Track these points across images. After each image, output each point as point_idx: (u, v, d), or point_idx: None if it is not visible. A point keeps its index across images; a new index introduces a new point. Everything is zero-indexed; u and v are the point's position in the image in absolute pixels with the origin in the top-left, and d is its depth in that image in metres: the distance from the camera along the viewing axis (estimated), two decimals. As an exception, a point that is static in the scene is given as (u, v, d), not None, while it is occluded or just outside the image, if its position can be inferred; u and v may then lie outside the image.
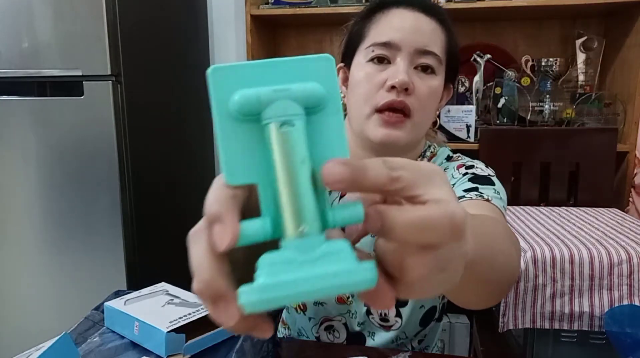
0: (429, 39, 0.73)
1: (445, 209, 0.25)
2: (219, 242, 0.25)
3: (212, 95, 0.27)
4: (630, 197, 1.70)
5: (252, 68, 0.28)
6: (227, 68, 0.28)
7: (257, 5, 1.87)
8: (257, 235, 0.27)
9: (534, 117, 1.82)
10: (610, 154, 1.62)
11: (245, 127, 0.28)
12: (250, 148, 0.28)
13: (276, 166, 0.26)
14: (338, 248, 0.26)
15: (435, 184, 0.26)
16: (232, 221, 0.25)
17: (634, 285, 1.07)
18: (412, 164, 0.27)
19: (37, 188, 1.62)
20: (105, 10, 1.46)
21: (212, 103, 0.28)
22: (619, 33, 1.76)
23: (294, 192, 0.26)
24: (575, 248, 1.09)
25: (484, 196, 0.68)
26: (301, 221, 0.26)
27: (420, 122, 0.74)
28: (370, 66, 0.74)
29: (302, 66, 0.28)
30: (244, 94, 0.27)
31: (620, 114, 1.74)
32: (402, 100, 0.70)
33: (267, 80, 0.27)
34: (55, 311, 1.69)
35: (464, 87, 1.86)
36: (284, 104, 0.27)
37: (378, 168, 0.26)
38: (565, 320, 1.10)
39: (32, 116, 1.58)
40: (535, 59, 1.89)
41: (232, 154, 0.28)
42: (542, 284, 1.09)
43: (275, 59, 0.28)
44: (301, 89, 0.27)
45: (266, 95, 0.27)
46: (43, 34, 1.51)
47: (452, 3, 1.69)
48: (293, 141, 0.26)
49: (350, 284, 0.25)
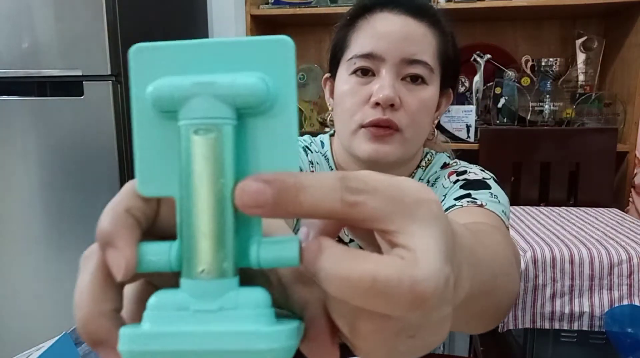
0: (417, 46, 0.65)
1: (407, 272, 0.18)
2: (113, 271, 0.20)
3: (131, 82, 0.22)
4: (630, 197, 1.70)
5: (186, 50, 0.22)
6: (154, 49, 0.22)
7: (257, 5, 1.87)
8: (159, 263, 0.21)
9: (534, 117, 1.82)
10: (610, 154, 1.62)
11: (167, 126, 0.22)
12: (171, 153, 0.22)
13: (188, 181, 0.21)
14: (253, 299, 0.20)
15: (416, 220, 0.19)
16: (125, 245, 0.20)
17: (634, 285, 1.07)
18: (388, 187, 0.20)
19: (37, 188, 1.62)
20: (105, 10, 1.46)
21: (130, 92, 0.22)
22: (619, 33, 1.76)
23: (202, 219, 0.20)
24: (575, 248, 1.09)
25: (477, 202, 0.62)
26: (203, 257, 0.20)
27: (411, 138, 0.67)
28: (354, 79, 0.67)
29: (250, 50, 0.22)
30: (158, 86, 0.21)
31: (620, 114, 1.74)
32: (388, 118, 0.64)
33: (202, 67, 0.22)
34: (55, 311, 1.69)
35: (464, 87, 1.86)
36: (205, 104, 0.21)
37: (325, 189, 0.19)
38: (565, 320, 1.10)
39: (32, 116, 1.58)
40: (535, 59, 1.89)
41: (148, 158, 0.22)
42: (542, 284, 1.09)
43: (219, 40, 0.22)
44: (231, 84, 0.21)
45: (182, 90, 0.21)
46: (43, 34, 1.51)
47: (452, 3, 1.69)
48: (209, 152, 0.20)
49: (252, 352, 0.19)
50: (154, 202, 0.23)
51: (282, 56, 0.22)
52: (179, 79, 0.21)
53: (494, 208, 0.62)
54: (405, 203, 0.19)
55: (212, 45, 0.22)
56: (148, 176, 0.22)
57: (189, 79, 0.21)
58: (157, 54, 0.22)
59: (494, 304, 0.40)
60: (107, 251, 0.21)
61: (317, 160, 0.76)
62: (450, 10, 1.72)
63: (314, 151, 0.77)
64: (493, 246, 0.47)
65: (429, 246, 0.19)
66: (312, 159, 0.76)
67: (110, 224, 0.21)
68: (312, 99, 1.99)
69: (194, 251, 0.20)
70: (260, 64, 0.22)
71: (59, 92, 1.55)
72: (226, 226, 0.21)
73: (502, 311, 0.44)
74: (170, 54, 0.22)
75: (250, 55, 0.22)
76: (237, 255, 0.21)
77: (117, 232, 0.21)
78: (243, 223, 0.22)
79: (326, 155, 0.77)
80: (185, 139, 0.21)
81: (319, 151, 0.77)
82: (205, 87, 0.21)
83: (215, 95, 0.21)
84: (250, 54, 0.22)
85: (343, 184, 0.19)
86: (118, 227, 0.21)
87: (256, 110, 0.21)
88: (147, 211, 0.22)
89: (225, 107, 0.21)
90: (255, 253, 0.21)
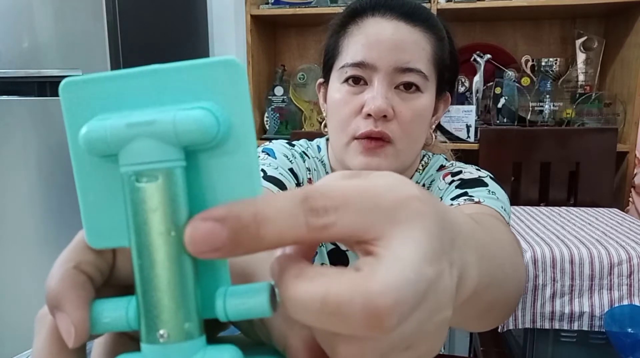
0: (410, 54, 0.62)
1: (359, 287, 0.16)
2: (64, 337, 0.18)
3: (65, 122, 0.19)
4: (630, 197, 1.70)
5: (121, 81, 0.19)
6: (85, 82, 0.19)
7: (257, 5, 1.87)
8: (116, 324, 0.19)
9: (534, 117, 1.82)
10: (610, 154, 1.62)
11: (111, 169, 0.19)
12: (120, 199, 0.19)
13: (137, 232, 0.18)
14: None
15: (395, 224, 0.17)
16: (74, 308, 0.18)
17: (634, 285, 1.07)
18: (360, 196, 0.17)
19: (37, 188, 1.62)
20: (105, 10, 1.46)
21: (67, 133, 0.20)
22: (619, 33, 1.76)
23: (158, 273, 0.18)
24: (575, 248, 1.09)
25: (474, 199, 0.60)
26: (163, 318, 0.18)
27: (404, 149, 0.65)
28: (346, 87, 0.64)
29: (193, 76, 0.19)
30: (90, 129, 0.18)
31: (620, 114, 1.74)
32: (380, 130, 0.61)
33: (141, 100, 0.19)
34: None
35: (464, 87, 1.86)
36: (145, 146, 0.18)
37: (287, 217, 0.17)
38: (565, 320, 1.10)
39: (32, 116, 1.58)
40: (535, 59, 1.89)
41: (94, 207, 0.20)
42: (542, 284, 1.09)
43: (154, 67, 0.19)
44: (172, 121, 0.18)
45: (117, 132, 0.18)
46: (43, 34, 1.51)
47: (452, 3, 1.69)
48: (157, 200, 0.18)
49: None
50: (109, 253, 0.20)
51: (231, 80, 0.19)
52: (114, 120, 0.18)
53: (492, 204, 0.60)
54: (381, 209, 0.17)
55: (150, 73, 0.19)
56: (96, 226, 0.20)
57: (125, 118, 0.18)
58: (88, 89, 0.19)
59: (504, 295, 0.38)
60: (57, 316, 0.18)
61: (315, 166, 0.75)
62: (450, 10, 1.73)
63: (310, 157, 0.76)
64: (498, 234, 0.45)
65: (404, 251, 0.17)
66: (309, 165, 0.74)
67: (57, 284, 0.19)
68: (312, 99, 1.99)
69: (152, 312, 0.18)
70: (206, 92, 0.19)
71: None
72: (186, 280, 0.18)
73: (511, 303, 0.42)
74: (103, 87, 0.19)
75: (195, 82, 0.19)
76: (202, 309, 0.19)
77: (64, 294, 0.18)
78: (207, 270, 0.19)
79: (322, 160, 0.75)
80: (129, 187, 0.18)
81: (315, 156, 0.76)
82: (143, 127, 0.18)
83: (155, 135, 0.18)
84: (195, 80, 0.19)
85: (306, 206, 0.17)
86: (65, 287, 0.19)
87: (207, 146, 0.19)
88: (101, 265, 0.20)
89: (169, 148, 0.18)
90: (222, 307, 0.19)
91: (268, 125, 2.00)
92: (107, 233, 0.20)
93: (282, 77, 2.04)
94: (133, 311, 0.19)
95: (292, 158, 0.71)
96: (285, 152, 0.71)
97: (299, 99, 2.04)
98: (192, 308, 0.18)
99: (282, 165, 0.68)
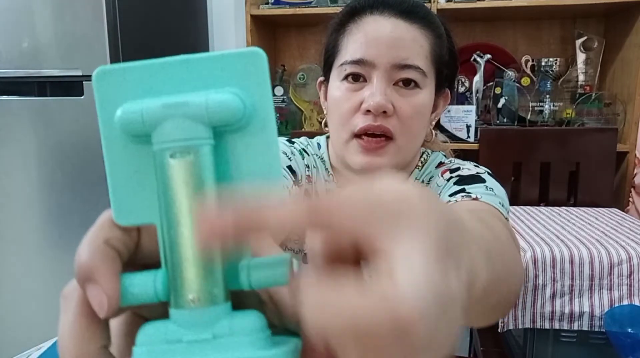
0: (409, 51, 0.63)
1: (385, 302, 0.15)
2: (96, 308, 0.20)
3: (98, 107, 0.21)
4: (630, 197, 1.70)
5: (153, 69, 0.21)
6: (119, 70, 0.21)
7: (257, 5, 1.87)
8: (145, 295, 0.20)
9: (534, 117, 1.82)
10: (610, 154, 1.62)
11: (140, 151, 0.21)
12: (147, 179, 0.21)
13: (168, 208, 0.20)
14: (247, 324, 0.20)
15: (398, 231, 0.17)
16: (106, 279, 0.19)
17: (634, 285, 1.07)
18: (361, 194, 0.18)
19: (37, 188, 1.62)
20: (105, 10, 1.46)
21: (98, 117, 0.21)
22: (619, 33, 1.76)
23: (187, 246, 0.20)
24: (575, 248, 1.09)
25: (472, 196, 0.60)
26: (191, 285, 0.20)
27: (405, 146, 0.66)
28: (345, 85, 0.66)
29: (220, 65, 0.21)
30: (126, 110, 0.20)
31: (620, 114, 1.74)
32: (380, 124, 0.62)
33: (171, 87, 0.21)
34: (55, 311, 1.68)
35: (464, 87, 1.86)
36: (179, 125, 0.20)
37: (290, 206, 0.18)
38: (565, 320, 1.10)
39: (32, 116, 1.58)
40: (535, 59, 1.89)
41: (123, 186, 0.21)
42: (542, 284, 1.09)
43: (187, 57, 0.21)
44: (204, 103, 0.20)
45: (153, 112, 0.20)
46: (43, 34, 1.51)
47: (452, 3, 1.69)
48: (188, 175, 0.20)
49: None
50: (134, 231, 0.22)
51: (255, 69, 0.21)
52: (148, 102, 0.20)
53: (490, 200, 0.60)
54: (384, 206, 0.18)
55: (181, 62, 0.21)
56: (124, 204, 0.21)
57: (159, 100, 0.20)
58: (122, 76, 0.21)
59: (508, 291, 0.39)
60: (88, 288, 0.19)
61: (314, 163, 0.76)
62: (450, 10, 1.73)
63: (310, 154, 0.76)
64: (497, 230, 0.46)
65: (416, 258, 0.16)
66: (309, 162, 0.75)
67: (88, 258, 0.20)
68: (312, 99, 1.99)
69: (181, 279, 0.20)
70: (232, 79, 0.21)
71: (59, 92, 1.55)
72: (213, 251, 0.20)
73: (513, 299, 0.43)
74: (136, 75, 0.21)
75: (222, 70, 0.21)
76: (227, 279, 0.20)
77: (96, 266, 0.19)
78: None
79: (322, 157, 0.76)
80: (161, 164, 0.20)
81: (315, 154, 0.77)
82: (177, 108, 0.20)
83: (188, 115, 0.20)
84: (221, 69, 0.21)
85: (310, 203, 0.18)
86: (97, 261, 0.20)
87: (233, 127, 0.21)
88: (127, 241, 0.21)
89: (201, 127, 0.20)
90: (246, 275, 0.20)
91: (268, 125, 2.00)
92: (134, 211, 0.21)
93: (282, 77, 2.04)
94: (160, 282, 0.20)
95: (291, 155, 0.72)
96: (284, 149, 0.73)
97: (299, 99, 2.04)
98: (219, 276, 0.20)
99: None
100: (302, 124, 2.05)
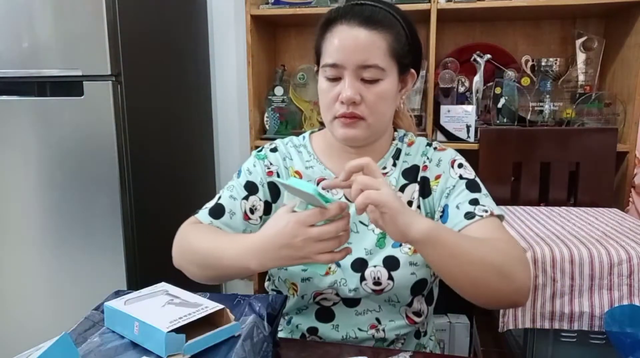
0: (368, 53, 0.80)
1: (380, 196, 0.62)
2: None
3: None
4: (630, 197, 1.70)
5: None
6: None
7: (257, 5, 1.87)
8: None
9: (534, 117, 1.82)
10: (610, 154, 1.62)
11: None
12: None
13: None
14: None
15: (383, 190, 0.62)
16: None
17: (634, 285, 1.07)
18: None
19: (37, 188, 1.62)
20: (105, 10, 1.46)
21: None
22: (619, 33, 1.76)
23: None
24: (575, 248, 1.10)
25: (488, 211, 0.80)
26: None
27: (374, 123, 0.85)
28: (326, 81, 0.85)
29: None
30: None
31: (620, 114, 1.74)
32: (352, 112, 0.82)
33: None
34: (55, 311, 1.69)
35: (464, 87, 1.86)
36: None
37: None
38: (565, 320, 1.10)
39: (32, 116, 1.58)
40: (535, 59, 1.89)
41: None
42: (542, 284, 1.09)
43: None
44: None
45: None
46: (43, 34, 1.52)
47: (452, 3, 1.69)
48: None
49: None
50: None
51: None
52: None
53: (494, 208, 0.81)
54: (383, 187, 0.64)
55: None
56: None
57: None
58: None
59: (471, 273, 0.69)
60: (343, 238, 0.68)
61: (290, 153, 0.96)
62: (450, 10, 1.73)
63: (286, 146, 0.97)
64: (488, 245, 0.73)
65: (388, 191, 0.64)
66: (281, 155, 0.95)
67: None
68: (312, 99, 1.99)
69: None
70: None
71: (59, 92, 1.55)
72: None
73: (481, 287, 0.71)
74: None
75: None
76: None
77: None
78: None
79: (305, 145, 0.97)
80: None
81: (300, 144, 0.97)
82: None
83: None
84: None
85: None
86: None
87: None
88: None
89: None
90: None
91: (268, 125, 2.00)
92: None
93: (282, 77, 2.04)
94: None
95: (253, 168, 0.94)
96: (249, 166, 0.94)
97: (299, 99, 2.04)
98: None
99: (238, 185, 0.92)
100: (302, 124, 2.05)
